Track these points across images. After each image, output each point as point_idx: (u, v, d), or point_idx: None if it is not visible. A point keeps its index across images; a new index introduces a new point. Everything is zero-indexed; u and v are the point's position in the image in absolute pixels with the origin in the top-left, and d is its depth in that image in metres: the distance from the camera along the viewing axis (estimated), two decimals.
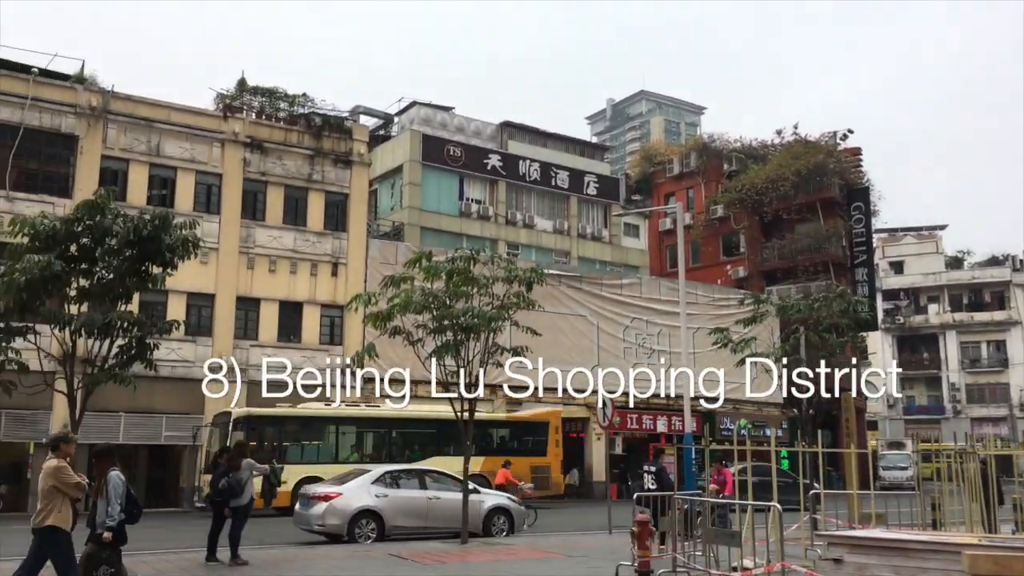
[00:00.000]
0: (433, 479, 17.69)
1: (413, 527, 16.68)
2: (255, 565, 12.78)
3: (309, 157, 31.41)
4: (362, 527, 16.14)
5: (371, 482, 16.68)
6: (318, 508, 16.08)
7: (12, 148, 26.23)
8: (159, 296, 25.21)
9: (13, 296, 12.72)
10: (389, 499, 16.54)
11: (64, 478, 8.37)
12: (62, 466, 8.44)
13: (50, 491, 8.36)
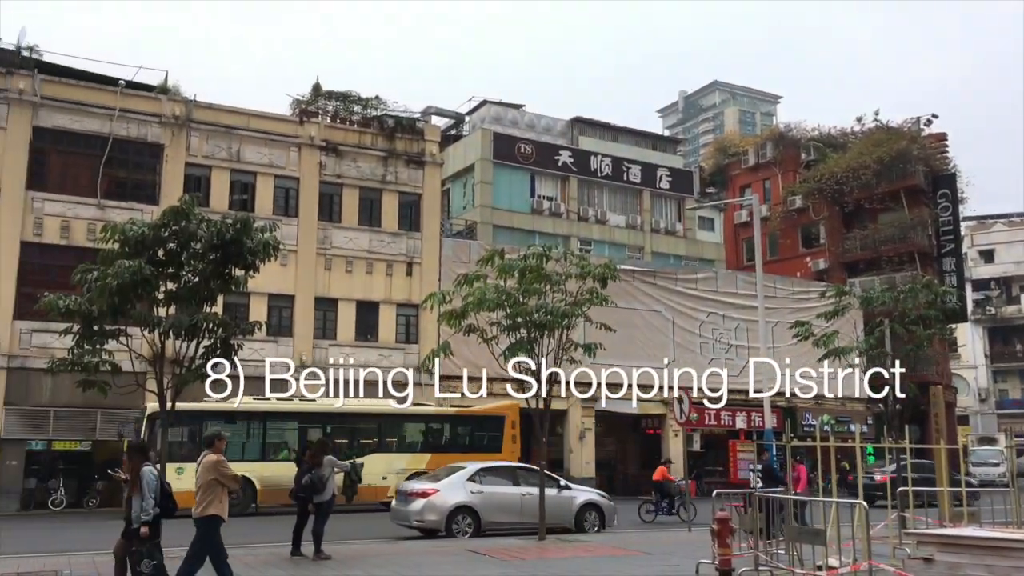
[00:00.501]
0: (525, 475, 18.07)
1: (508, 522, 17.02)
2: (338, 560, 13.04)
3: (383, 159, 31.89)
4: (459, 523, 16.56)
5: (466, 479, 17.07)
6: (416, 504, 16.56)
7: (102, 158, 27.37)
8: (242, 298, 25.96)
9: (106, 300, 13.23)
10: (484, 495, 16.92)
11: (224, 471, 9.18)
12: (221, 460, 9.26)
13: (210, 484, 9.16)
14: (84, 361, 13.79)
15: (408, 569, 12.17)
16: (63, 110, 27.26)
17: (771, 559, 11.00)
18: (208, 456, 9.34)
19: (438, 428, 26.60)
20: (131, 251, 13.61)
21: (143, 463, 9.13)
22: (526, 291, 16.04)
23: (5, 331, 25.40)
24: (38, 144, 26.91)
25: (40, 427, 25.84)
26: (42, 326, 24.37)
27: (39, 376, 24.21)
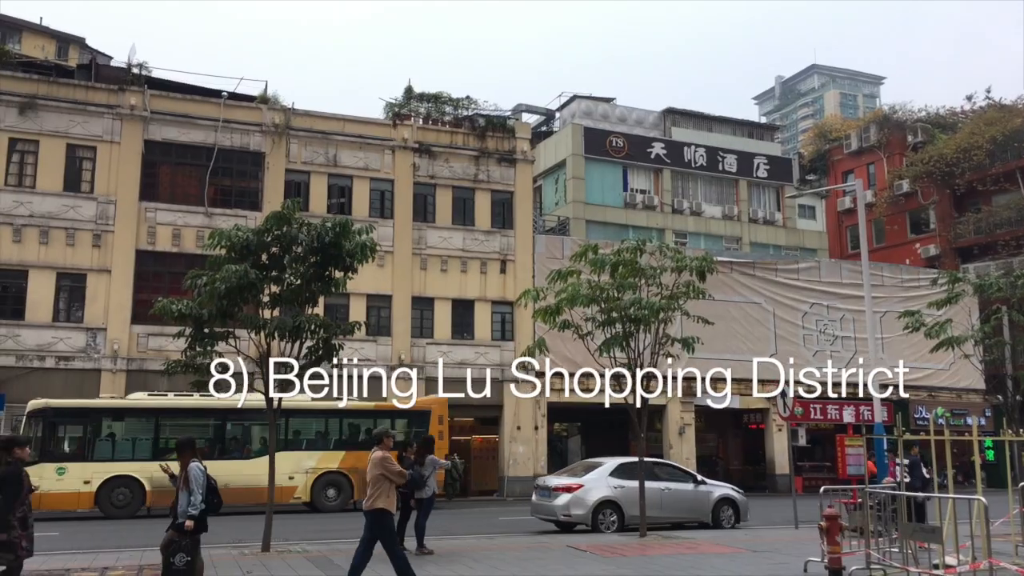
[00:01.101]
0: (664, 470, 18.42)
1: (650, 517, 17.04)
2: (439, 554, 13.22)
3: (475, 158, 32.17)
4: (604, 517, 16.81)
5: (608, 474, 17.32)
6: (562, 499, 16.88)
7: (208, 168, 28.54)
8: (342, 299, 26.64)
9: (215, 303, 13.78)
10: (625, 490, 17.04)
11: (390, 467, 9.66)
12: (387, 456, 9.75)
13: (378, 479, 9.62)
14: (196, 362, 14.37)
15: (507, 565, 12.22)
16: (171, 123, 28.54)
17: (884, 557, 10.57)
18: (376, 452, 9.81)
19: (355, 424, 24.80)
20: (237, 256, 14.11)
21: (191, 459, 9.39)
22: (620, 286, 15.89)
23: (124, 335, 26.78)
24: (149, 157, 28.27)
25: None
26: (157, 330, 25.61)
27: (156, 377, 25.37)
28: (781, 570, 11.75)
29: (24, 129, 27.00)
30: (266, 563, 12.28)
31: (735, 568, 12.06)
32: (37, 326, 26.23)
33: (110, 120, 27.87)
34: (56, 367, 26.12)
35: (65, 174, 27.30)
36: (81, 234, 27.04)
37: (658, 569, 11.99)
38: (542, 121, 44.44)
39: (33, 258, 26.48)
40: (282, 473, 21.69)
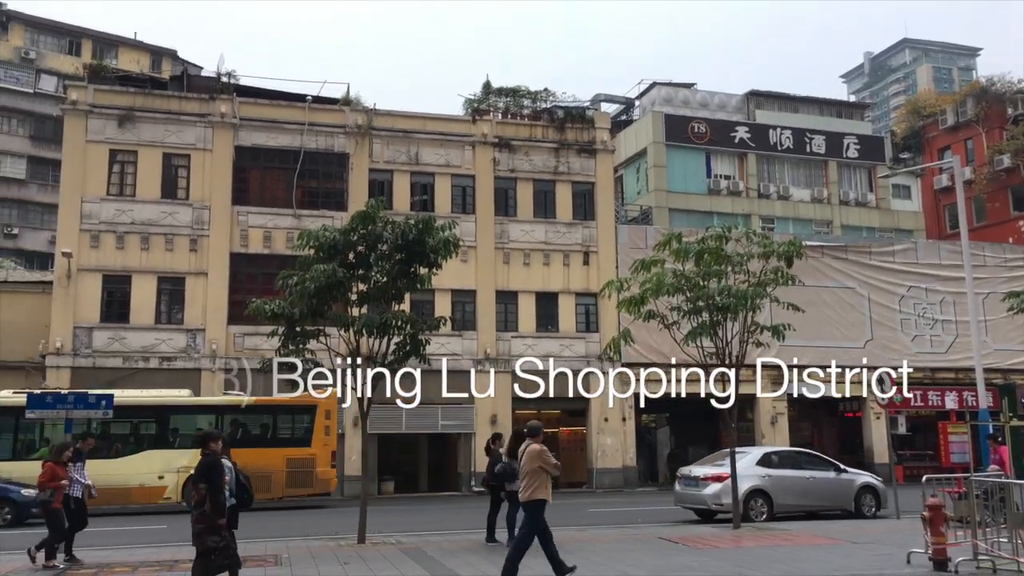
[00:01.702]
0: (806, 459, 18.66)
1: (796, 505, 17.47)
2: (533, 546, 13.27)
3: (554, 150, 32.10)
4: (754, 506, 17.02)
5: (755, 463, 17.52)
6: (712, 488, 17.11)
7: (296, 171, 29.31)
8: (427, 295, 26.98)
9: (306, 302, 14.18)
10: (773, 479, 17.35)
11: (546, 459, 9.90)
12: (544, 449, 9.98)
13: (535, 471, 9.87)
14: (290, 360, 14.80)
15: (598, 556, 12.19)
16: (259, 128, 29.42)
17: (992, 548, 10.12)
18: (532, 445, 10.02)
19: (233, 421, 23.46)
20: (325, 256, 14.47)
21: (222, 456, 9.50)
22: (706, 274, 15.63)
23: (221, 335, 27.78)
24: (239, 162, 29.20)
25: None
26: (252, 329, 26.45)
27: (252, 375, 26.28)
28: (883, 562, 11.37)
29: (123, 140, 28.24)
30: (362, 555, 12.57)
31: (835, 560, 11.73)
32: (141, 328, 27.44)
33: (202, 128, 28.90)
34: (160, 367, 27.28)
35: (162, 182, 28.46)
36: (179, 239, 28.15)
37: (752, 561, 11.76)
38: (622, 110, 44.02)
39: (135, 264, 27.70)
40: (151, 472, 21.66)
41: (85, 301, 27.10)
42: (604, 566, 11.12)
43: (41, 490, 12.20)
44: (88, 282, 27.23)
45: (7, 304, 29.87)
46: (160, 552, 13.34)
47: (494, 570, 10.90)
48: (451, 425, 29.56)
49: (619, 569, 10.99)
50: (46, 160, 46.40)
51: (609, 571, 10.69)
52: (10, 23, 50.07)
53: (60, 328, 26.66)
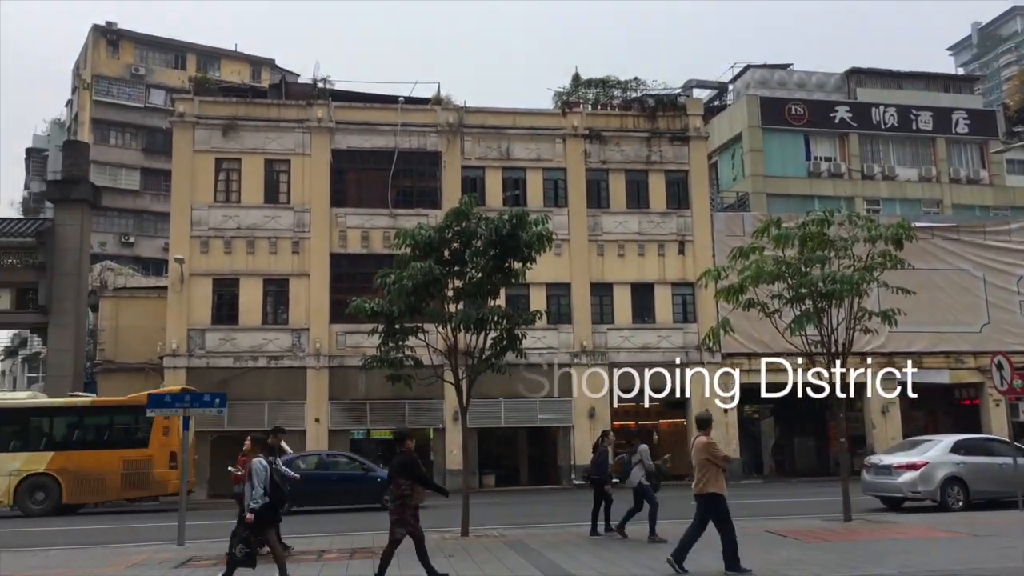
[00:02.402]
0: (998, 446, 18.53)
1: (989, 492, 17.36)
2: (633, 539, 13.19)
3: (646, 139, 31.72)
4: (951, 493, 17.08)
5: (949, 450, 17.55)
6: (907, 476, 17.21)
7: (390, 171, 29.89)
8: (521, 289, 27.08)
9: (404, 300, 14.44)
10: (968, 466, 17.33)
11: (714, 451, 9.96)
12: (712, 442, 10.06)
13: (704, 463, 9.94)
14: (390, 357, 15.09)
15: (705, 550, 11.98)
16: (354, 131, 30.14)
17: None
18: (700, 438, 10.10)
19: (66, 422, 22.91)
20: (421, 253, 14.69)
21: (256, 455, 9.83)
22: (808, 260, 15.15)
23: (324, 334, 28.61)
24: (337, 165, 29.99)
25: (359, 418, 28.81)
26: (353, 327, 27.14)
27: (355, 373, 27.03)
28: (1005, 557, 10.81)
29: (228, 149, 29.39)
30: (466, 547, 12.74)
31: (952, 555, 11.21)
32: (249, 329, 28.53)
33: (301, 134, 29.80)
34: (268, 366, 28.32)
35: (265, 187, 29.50)
36: (282, 242, 29.11)
37: (862, 555, 11.36)
38: (714, 95, 43.10)
39: (242, 267, 28.80)
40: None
41: (197, 304, 28.34)
42: (709, 559, 10.93)
43: (237, 484, 12.27)
44: (199, 286, 28.47)
45: (127, 309, 31.59)
46: None
47: (598, 563, 10.89)
48: (549, 419, 29.64)
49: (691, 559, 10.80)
50: (158, 171, 48.70)
51: (714, 563, 10.51)
52: (121, 42, 52.74)
53: (175, 331, 27.97)
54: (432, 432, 28.98)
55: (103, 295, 32.06)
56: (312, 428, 28.00)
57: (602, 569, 10.51)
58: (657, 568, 10.33)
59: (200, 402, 15.38)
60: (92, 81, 51.06)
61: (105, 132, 50.94)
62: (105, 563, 12.34)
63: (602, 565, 10.80)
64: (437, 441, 28.83)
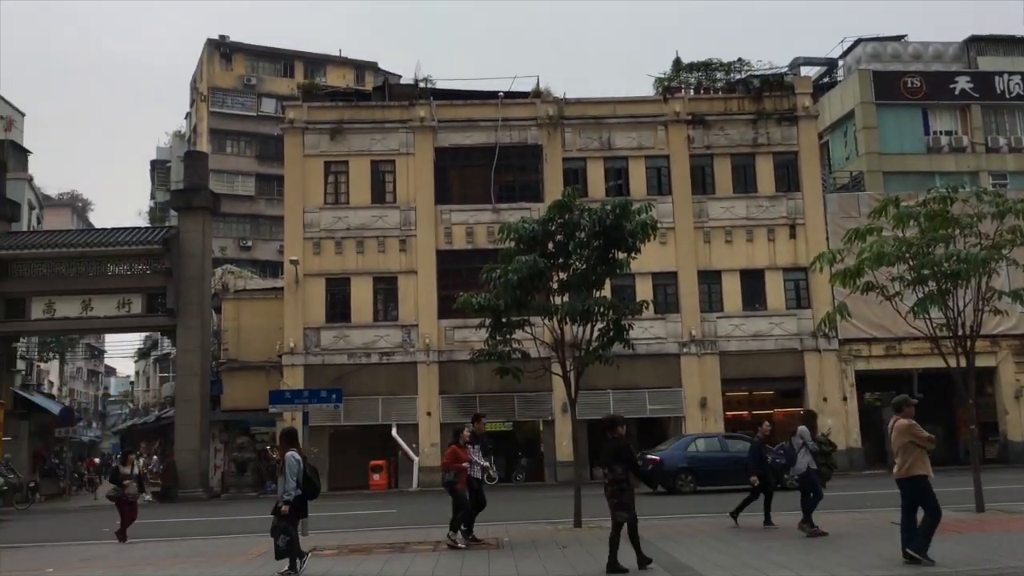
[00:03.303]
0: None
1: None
2: (744, 529, 12.89)
3: (751, 122, 30.87)
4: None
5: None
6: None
7: (492, 166, 30.12)
8: (627, 280, 26.81)
9: (510, 294, 14.56)
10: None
11: (917, 432, 9.72)
12: (913, 424, 9.81)
13: (906, 446, 9.73)
14: (498, 351, 15.24)
15: (826, 543, 11.63)
16: (456, 129, 30.52)
17: None
18: (899, 420, 9.91)
19: None
20: (525, 247, 14.78)
21: (289, 449, 10.24)
22: (932, 239, 14.42)
23: (433, 329, 29.13)
24: (440, 163, 30.44)
25: (470, 411, 29.00)
26: (461, 322, 27.53)
27: (464, 367, 27.42)
28: None
29: (336, 152, 30.27)
30: (580, 538, 12.75)
31: None
32: (361, 326, 29.34)
33: (404, 134, 30.40)
34: (380, 362, 29.06)
35: (371, 188, 30.23)
36: (389, 240, 29.79)
37: (996, 547, 10.75)
38: (823, 72, 41.56)
39: (353, 266, 29.63)
40: None
41: (312, 304, 29.33)
42: (833, 551, 10.58)
43: (446, 472, 12.74)
44: (313, 286, 29.45)
45: (247, 310, 33.02)
46: (392, 535, 14.20)
47: (717, 556, 10.69)
48: (659, 409, 29.30)
49: (846, 554, 10.43)
50: (271, 176, 50.64)
51: (837, 556, 10.17)
52: (233, 54, 55.05)
53: (292, 330, 29.04)
54: (542, 424, 29.11)
55: (225, 297, 33.60)
56: (424, 422, 28.58)
57: (716, 560, 10.32)
58: (776, 560, 10.07)
59: (317, 398, 15.93)
60: (208, 93, 53.51)
61: (222, 141, 53.30)
62: (233, 552, 12.93)
63: (718, 557, 10.60)
64: (547, 433, 28.95)
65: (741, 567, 9.78)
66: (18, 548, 15.07)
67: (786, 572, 9.39)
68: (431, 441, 28.38)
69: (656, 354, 29.00)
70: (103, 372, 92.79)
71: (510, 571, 10.11)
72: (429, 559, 11.28)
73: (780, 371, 29.29)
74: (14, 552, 14.54)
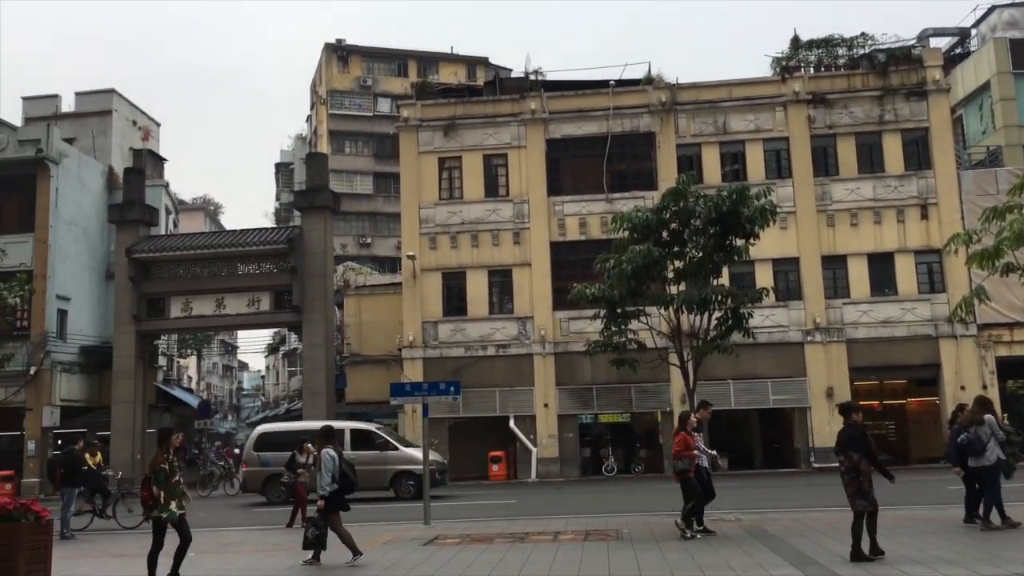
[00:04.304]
0: None
1: None
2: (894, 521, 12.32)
3: (877, 98, 29.45)
4: None
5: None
6: None
7: (604, 156, 29.90)
8: (746, 267, 26.10)
9: (624, 284, 14.46)
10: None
11: None
12: None
13: None
14: (613, 341, 15.15)
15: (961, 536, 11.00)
16: (567, 120, 30.44)
17: None
18: None
19: None
20: (639, 236, 14.64)
21: (324, 446, 10.89)
22: None
23: (548, 321, 29.21)
24: (551, 154, 30.45)
25: (586, 403, 29.17)
26: (576, 314, 27.49)
27: (580, 358, 27.38)
28: None
29: (449, 148, 30.75)
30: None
31: None
32: (477, 319, 29.73)
33: (516, 127, 30.55)
34: (496, 355, 29.37)
35: (484, 182, 30.55)
36: (503, 234, 30.04)
37: None
38: (955, 43, 39.19)
39: (468, 260, 30.05)
40: None
41: (429, 298, 29.94)
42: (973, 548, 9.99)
43: (677, 460, 12.17)
44: (430, 280, 30.04)
45: (368, 305, 34.04)
46: (512, 525, 14.35)
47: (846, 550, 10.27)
48: (783, 400, 28.44)
49: (987, 549, 9.83)
50: (387, 174, 51.92)
51: (975, 552, 9.60)
52: (349, 56, 56.70)
53: (411, 324, 29.72)
54: (660, 415, 28.75)
55: (347, 293, 34.72)
56: (541, 413, 28.72)
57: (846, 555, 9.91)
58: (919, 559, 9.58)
59: (436, 390, 16.25)
60: (327, 96, 55.33)
61: (340, 142, 55.03)
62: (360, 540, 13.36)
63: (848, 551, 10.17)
64: (665, 424, 28.55)
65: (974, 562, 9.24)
66: None
67: None
68: (548, 432, 28.51)
69: (778, 343, 28.15)
70: (236, 367, 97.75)
71: (630, 563, 10.03)
72: (549, 549, 11.33)
73: (913, 359, 27.91)
74: None
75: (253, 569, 11.09)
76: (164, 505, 9.23)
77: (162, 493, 9.23)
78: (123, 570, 11.44)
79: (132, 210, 32.45)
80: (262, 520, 17.80)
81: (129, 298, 31.38)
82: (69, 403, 31.91)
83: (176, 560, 9.38)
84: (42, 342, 30.83)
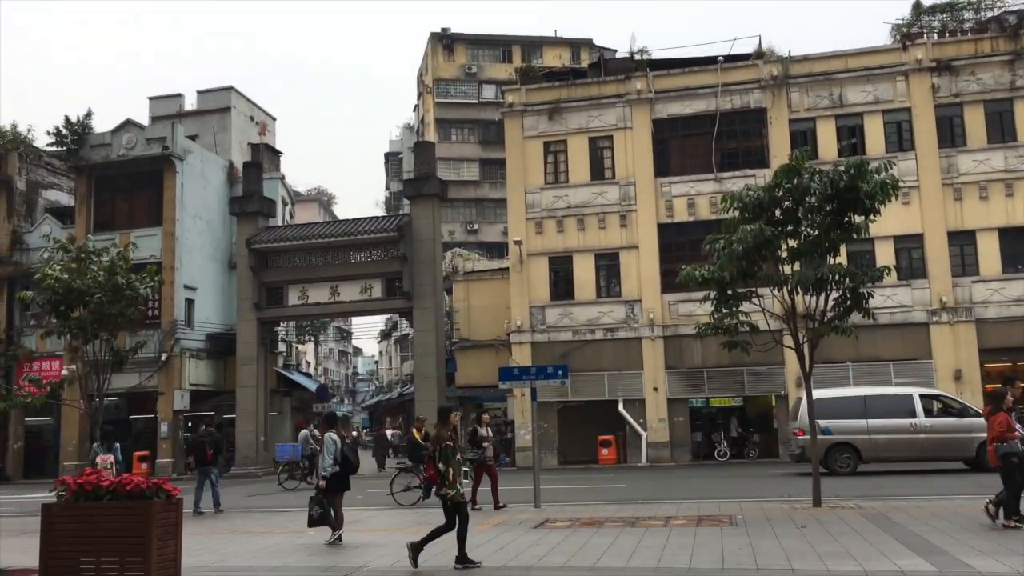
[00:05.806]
0: None
1: None
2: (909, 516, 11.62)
3: (1008, 63, 27.64)
4: None
5: None
6: None
7: (713, 134, 29.19)
8: (865, 245, 25.09)
9: (735, 265, 14.06)
10: None
11: None
12: None
13: None
14: (724, 324, 14.79)
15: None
16: (674, 99, 29.85)
17: None
18: None
19: None
20: (750, 216, 14.20)
21: (328, 430, 11.77)
22: None
23: (657, 304, 28.84)
24: (658, 135, 29.95)
25: (697, 386, 28.69)
26: (685, 296, 27.06)
27: (690, 341, 26.97)
28: None
29: (554, 132, 30.66)
30: (819, 518, 12.14)
31: None
32: (584, 303, 29.63)
33: (621, 108, 30.18)
34: (604, 338, 29.22)
35: (590, 165, 30.34)
36: (609, 217, 29.78)
37: None
38: None
39: (574, 244, 29.95)
40: None
41: (536, 282, 30.02)
42: None
43: (1000, 443, 10.88)
44: (537, 265, 30.11)
45: (476, 291, 34.42)
46: (622, 509, 14.28)
47: (976, 540, 9.76)
48: (907, 383, 27.10)
49: None
50: (493, 160, 52.30)
51: None
52: (454, 44, 57.28)
53: (518, 309, 29.89)
54: (774, 399, 28.01)
55: (455, 279, 35.21)
56: (651, 397, 28.43)
57: (980, 547, 9.40)
58: None
59: (544, 374, 16.29)
60: (433, 85, 56.11)
61: (447, 130, 55.74)
62: (478, 520, 13.57)
63: (980, 542, 9.65)
64: (780, 408, 27.79)
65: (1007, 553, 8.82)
66: (280, 512, 16.71)
67: None
68: (659, 416, 28.20)
69: (901, 323, 26.93)
70: (351, 352, 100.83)
71: (745, 549, 9.81)
72: (660, 534, 11.21)
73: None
74: (275, 516, 16.17)
75: None
76: (452, 482, 9.17)
77: (450, 470, 9.17)
78: (247, 545, 11.98)
79: (251, 202, 33.82)
80: None
81: (250, 287, 32.78)
82: (197, 387, 33.68)
83: (461, 541, 9.24)
84: (172, 330, 32.61)
